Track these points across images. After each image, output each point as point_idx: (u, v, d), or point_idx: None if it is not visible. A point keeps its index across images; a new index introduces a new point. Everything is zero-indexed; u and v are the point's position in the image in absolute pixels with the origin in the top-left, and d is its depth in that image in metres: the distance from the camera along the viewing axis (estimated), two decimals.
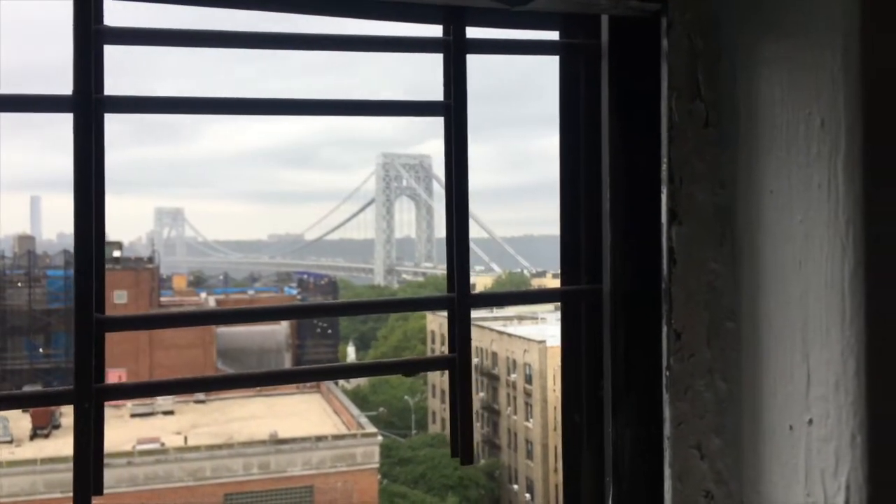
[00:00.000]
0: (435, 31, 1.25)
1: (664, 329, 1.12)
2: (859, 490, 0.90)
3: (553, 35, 1.30)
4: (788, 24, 1.01)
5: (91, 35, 1.05)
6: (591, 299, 1.25)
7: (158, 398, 35.30)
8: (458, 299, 1.19)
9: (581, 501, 1.28)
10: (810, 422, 0.97)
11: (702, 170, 1.11)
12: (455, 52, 1.19)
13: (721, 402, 1.10)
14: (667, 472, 1.11)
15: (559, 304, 1.36)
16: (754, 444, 1.06)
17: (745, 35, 1.07)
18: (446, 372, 1.22)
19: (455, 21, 1.19)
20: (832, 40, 0.93)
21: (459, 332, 1.19)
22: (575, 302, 1.27)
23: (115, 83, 1.16)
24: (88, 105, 1.05)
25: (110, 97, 1.08)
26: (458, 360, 1.19)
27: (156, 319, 1.10)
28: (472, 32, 1.24)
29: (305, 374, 1.13)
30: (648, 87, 1.19)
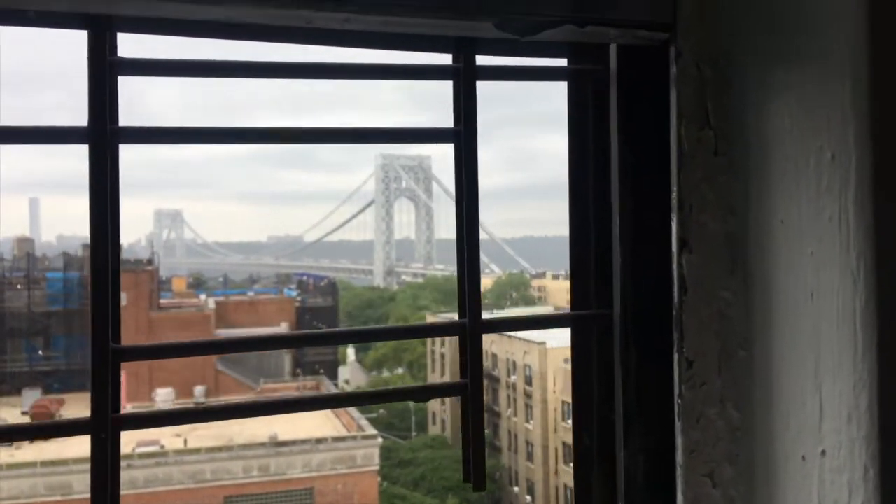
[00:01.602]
0: (444, 58, 1.26)
1: (675, 357, 1.13)
2: None
3: (561, 61, 1.31)
4: (799, 54, 1.01)
5: (106, 67, 1.06)
6: (601, 324, 1.26)
7: (157, 400, 35.30)
8: (470, 325, 1.19)
9: None
10: (823, 453, 0.97)
11: (712, 198, 1.12)
12: (465, 80, 1.20)
13: (734, 431, 1.10)
14: (679, 500, 1.12)
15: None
16: (767, 473, 1.07)
17: (755, 64, 1.08)
18: (447, 373, 1.22)
19: (465, 50, 1.19)
20: (842, 72, 0.94)
21: (471, 359, 1.20)
22: (585, 326, 1.28)
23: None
24: (104, 136, 1.05)
25: (125, 128, 1.08)
26: (469, 386, 1.20)
27: (172, 349, 1.11)
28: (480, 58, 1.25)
29: (320, 401, 1.13)
30: (657, 113, 1.19)
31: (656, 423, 1.18)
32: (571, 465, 1.32)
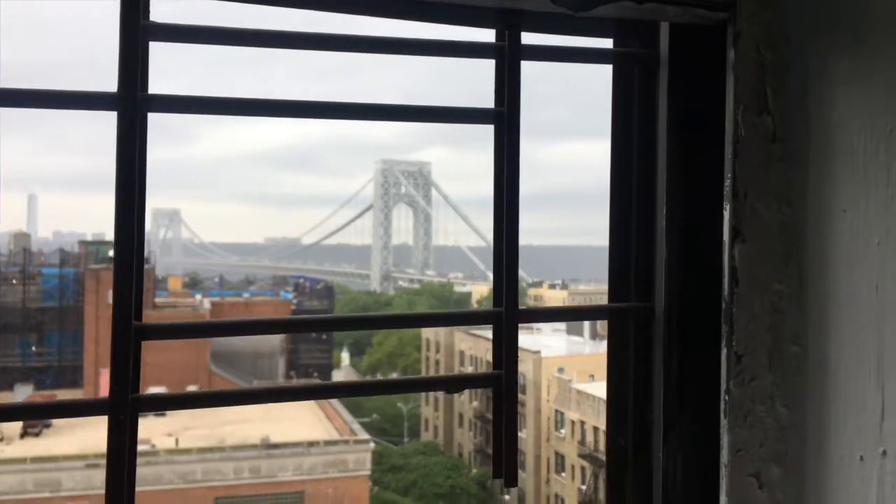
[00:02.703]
0: (484, 35, 1.21)
1: (724, 351, 1.08)
2: None
3: (605, 42, 1.26)
4: (867, 40, 0.97)
5: (138, 31, 1.01)
6: (640, 317, 1.21)
7: None
8: (507, 314, 1.14)
9: None
10: (884, 453, 0.92)
11: (767, 186, 1.07)
12: (510, 59, 1.15)
13: (783, 429, 1.05)
14: (723, 500, 1.07)
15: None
16: (819, 474, 1.02)
17: (818, 49, 1.03)
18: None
19: (511, 26, 1.15)
20: None
21: (507, 348, 1.15)
22: (624, 319, 1.23)
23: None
24: (133, 104, 1.00)
25: (154, 96, 1.04)
26: (504, 377, 1.15)
27: (195, 328, 1.05)
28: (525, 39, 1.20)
29: (344, 388, 1.08)
30: (709, 97, 1.15)
31: (699, 421, 1.13)
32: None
